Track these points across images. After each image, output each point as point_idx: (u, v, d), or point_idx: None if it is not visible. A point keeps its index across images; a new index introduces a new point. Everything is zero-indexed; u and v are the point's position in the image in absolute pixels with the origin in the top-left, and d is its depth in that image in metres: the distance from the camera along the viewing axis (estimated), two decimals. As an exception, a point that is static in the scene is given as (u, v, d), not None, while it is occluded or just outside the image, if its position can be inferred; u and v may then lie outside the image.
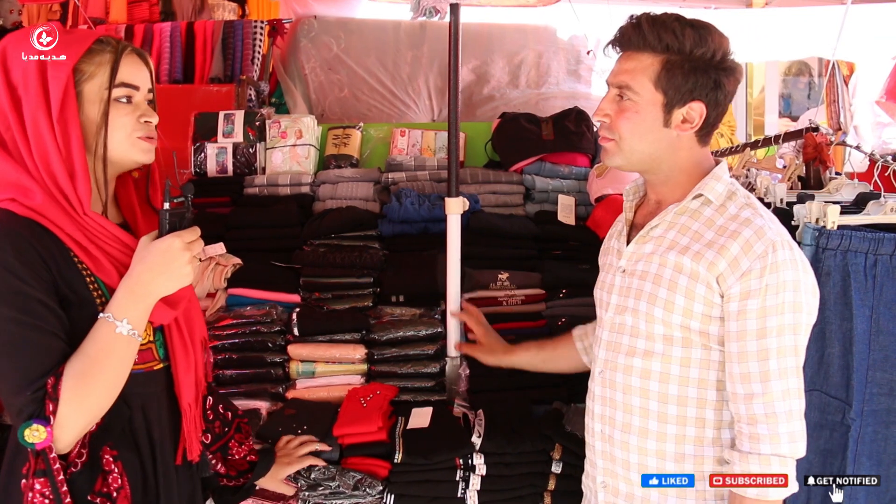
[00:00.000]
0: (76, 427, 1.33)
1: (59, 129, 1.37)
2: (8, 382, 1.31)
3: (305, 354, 2.36)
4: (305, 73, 3.77)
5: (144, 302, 1.39)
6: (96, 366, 1.33)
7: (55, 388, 1.29)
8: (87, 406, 1.33)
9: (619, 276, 1.69)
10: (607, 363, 1.70)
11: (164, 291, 1.41)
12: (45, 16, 5.01)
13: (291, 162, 3.07)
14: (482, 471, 2.02)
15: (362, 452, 2.07)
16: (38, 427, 1.28)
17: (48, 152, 1.37)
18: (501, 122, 3.14)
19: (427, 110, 3.76)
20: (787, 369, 1.48)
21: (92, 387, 1.33)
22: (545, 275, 2.60)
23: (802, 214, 1.99)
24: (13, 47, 1.40)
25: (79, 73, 1.40)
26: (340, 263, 2.57)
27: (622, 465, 1.67)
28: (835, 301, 1.91)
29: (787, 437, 1.48)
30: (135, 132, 1.45)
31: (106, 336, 1.35)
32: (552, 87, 3.83)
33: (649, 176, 1.67)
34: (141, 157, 1.48)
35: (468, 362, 2.35)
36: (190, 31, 4.18)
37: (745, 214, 1.54)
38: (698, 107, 1.55)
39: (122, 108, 1.44)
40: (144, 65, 1.49)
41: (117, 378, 1.38)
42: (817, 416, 1.95)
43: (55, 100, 1.37)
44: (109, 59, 1.42)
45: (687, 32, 1.51)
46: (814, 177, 2.47)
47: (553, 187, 2.94)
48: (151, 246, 1.39)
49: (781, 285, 1.47)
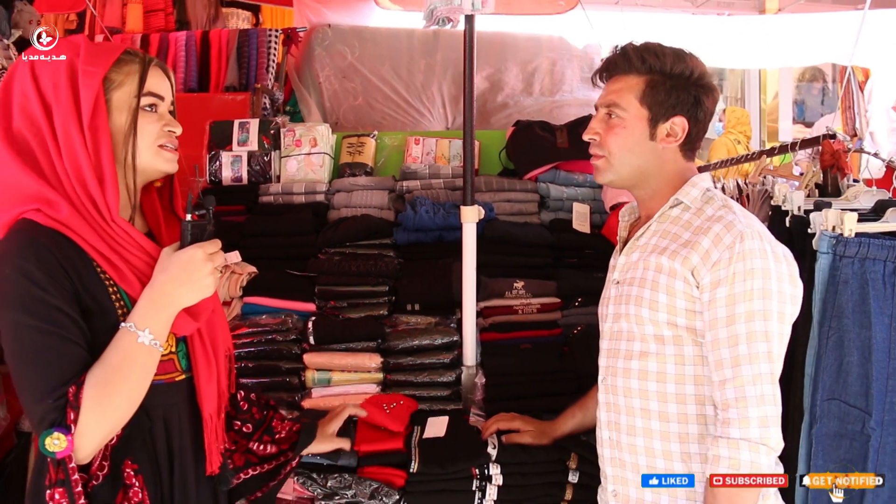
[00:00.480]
0: (97, 436, 1.33)
1: (89, 135, 1.39)
2: (30, 390, 1.32)
3: (321, 363, 2.36)
4: (320, 81, 3.78)
5: (166, 312, 1.40)
6: (118, 375, 1.34)
7: (76, 397, 1.30)
8: (108, 415, 1.33)
9: (614, 287, 1.77)
10: (608, 370, 1.76)
11: (185, 302, 1.42)
12: (62, 25, 5.07)
13: (306, 170, 3.08)
14: (499, 481, 2.01)
15: (379, 461, 2.07)
16: (58, 436, 1.28)
17: (78, 159, 1.39)
18: (516, 130, 3.14)
19: (441, 118, 3.76)
20: (758, 354, 1.51)
21: (113, 396, 1.33)
22: (561, 283, 2.60)
23: (819, 222, 1.98)
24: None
25: (108, 81, 1.43)
26: (356, 272, 2.57)
27: (632, 468, 1.69)
28: (853, 309, 1.90)
29: (757, 421, 1.49)
30: (159, 140, 1.48)
31: (128, 345, 1.36)
32: (566, 95, 3.83)
33: (638, 192, 1.75)
34: (164, 165, 1.51)
35: (484, 371, 2.34)
36: (205, 39, 4.21)
37: (720, 213, 1.61)
38: (680, 121, 1.66)
39: (149, 117, 1.48)
40: (167, 78, 1.53)
41: (138, 388, 1.38)
42: (837, 425, 1.93)
43: (86, 107, 1.39)
44: (137, 69, 1.46)
45: (667, 53, 1.66)
46: (831, 184, 2.45)
47: (568, 195, 2.93)
48: (174, 256, 1.41)
49: (749, 273, 1.52)
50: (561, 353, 2.39)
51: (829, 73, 8.00)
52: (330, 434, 1.97)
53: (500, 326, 2.50)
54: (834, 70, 6.81)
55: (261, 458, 1.78)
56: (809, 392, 1.96)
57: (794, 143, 2.72)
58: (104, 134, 1.40)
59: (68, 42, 1.46)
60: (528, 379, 2.32)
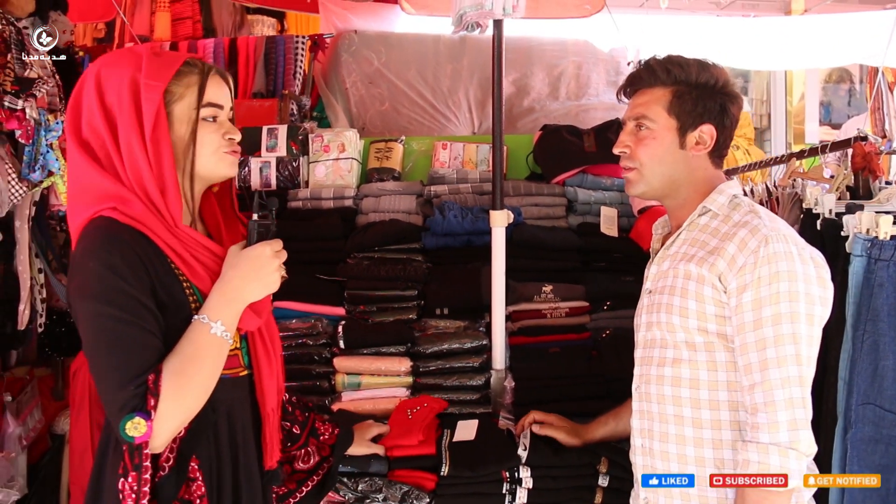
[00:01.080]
0: (173, 424, 1.38)
1: (151, 148, 1.44)
2: (111, 378, 1.36)
3: (351, 367, 2.38)
4: (346, 87, 3.80)
5: (236, 306, 1.47)
6: (192, 365, 1.40)
7: (156, 384, 1.35)
8: (183, 404, 1.39)
9: (647, 297, 1.78)
10: (641, 377, 1.76)
11: (254, 296, 1.48)
12: (90, 34, 5.13)
13: (334, 175, 3.10)
14: (528, 484, 2.01)
15: (409, 465, 2.08)
16: (139, 420, 1.33)
17: (141, 170, 1.44)
18: (543, 135, 3.15)
19: (467, 123, 3.77)
20: (786, 357, 1.50)
21: (188, 385, 1.39)
22: (589, 287, 2.60)
23: (852, 225, 1.97)
24: (107, 70, 1.48)
25: (169, 94, 1.48)
26: (385, 276, 2.59)
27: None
28: (888, 312, 1.89)
29: (786, 425, 1.49)
30: (220, 148, 1.53)
31: (201, 336, 1.42)
32: (592, 99, 3.83)
33: (669, 201, 1.77)
34: (227, 170, 1.56)
35: (513, 375, 2.35)
36: (233, 46, 4.25)
37: (745, 219, 1.61)
38: (709, 129, 1.69)
39: (209, 127, 1.52)
40: (226, 84, 1.58)
41: (210, 378, 1.44)
42: (872, 430, 1.92)
43: (148, 120, 1.44)
44: (197, 80, 1.50)
45: (691, 63, 1.70)
46: (863, 186, 2.44)
47: (595, 199, 2.93)
48: (242, 253, 1.48)
49: (774, 276, 1.52)
50: (589, 356, 2.39)
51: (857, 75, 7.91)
52: (366, 439, 2.04)
53: (529, 330, 2.51)
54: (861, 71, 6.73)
55: (307, 472, 1.84)
56: (844, 397, 1.95)
57: (824, 146, 2.70)
58: (166, 146, 1.45)
59: (131, 54, 1.51)
60: (557, 383, 2.33)
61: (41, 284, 2.69)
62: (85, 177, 1.46)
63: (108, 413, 1.40)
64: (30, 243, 2.60)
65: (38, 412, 2.93)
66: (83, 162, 1.46)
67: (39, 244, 2.68)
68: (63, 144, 2.61)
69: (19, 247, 2.57)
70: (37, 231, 2.65)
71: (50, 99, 2.66)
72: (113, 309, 1.36)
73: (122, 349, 1.36)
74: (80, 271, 1.40)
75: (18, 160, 2.49)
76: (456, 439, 2.13)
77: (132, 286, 1.38)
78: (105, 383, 1.37)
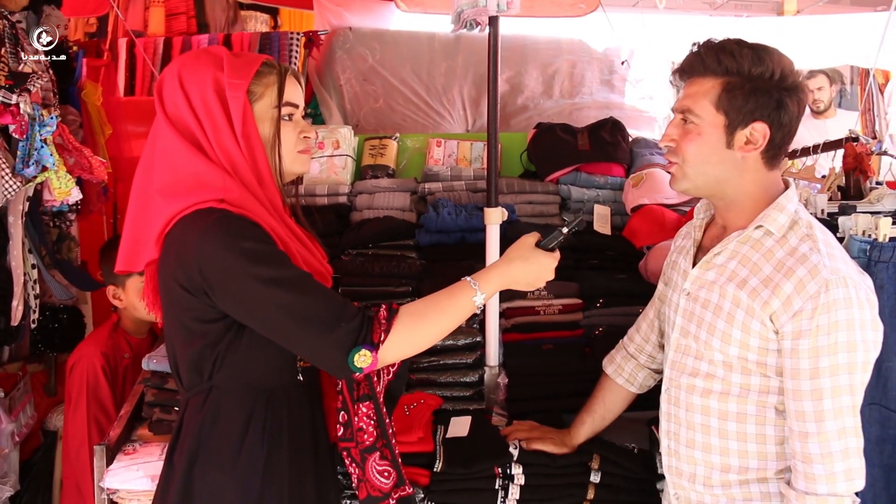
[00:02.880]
0: (397, 355, 1.49)
1: (244, 144, 1.50)
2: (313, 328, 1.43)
3: (345, 363, 2.38)
4: (341, 84, 3.80)
5: (502, 286, 1.61)
6: (440, 313, 1.53)
7: (388, 321, 1.47)
8: (412, 342, 1.51)
9: (684, 298, 1.71)
10: (671, 381, 1.75)
11: (517, 287, 1.62)
12: (82, 28, 5.10)
13: (329, 172, 3.10)
14: (521, 480, 2.02)
15: (404, 461, 2.08)
16: (365, 352, 1.42)
17: (238, 166, 1.50)
18: (537, 133, 3.16)
19: (461, 121, 3.77)
20: (843, 409, 1.48)
21: (425, 328, 1.51)
22: (582, 284, 2.60)
23: (848, 227, 1.97)
24: (187, 71, 1.53)
25: (250, 94, 1.53)
26: (378, 273, 2.59)
27: (688, 478, 1.71)
28: (890, 314, 1.88)
29: (843, 475, 1.48)
30: (297, 146, 1.60)
31: (463, 295, 1.55)
32: (586, 98, 3.83)
33: (716, 201, 1.68)
34: (301, 168, 1.64)
35: (507, 371, 2.36)
36: (227, 43, 4.23)
37: (803, 249, 1.52)
38: (761, 127, 1.54)
39: (287, 125, 1.59)
40: (300, 84, 1.64)
41: (445, 331, 1.57)
42: (878, 430, 1.92)
43: (237, 118, 1.50)
44: (275, 80, 1.57)
45: (745, 53, 1.53)
46: (854, 187, 2.45)
47: (589, 197, 2.94)
48: (537, 253, 1.62)
49: (833, 325, 1.46)
50: (583, 353, 2.39)
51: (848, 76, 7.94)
52: None
53: (523, 327, 2.52)
54: (852, 72, 6.75)
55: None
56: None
57: (816, 146, 2.72)
58: (257, 141, 1.52)
59: (211, 55, 1.56)
60: (551, 379, 2.33)
61: (34, 280, 2.68)
62: (189, 165, 1.50)
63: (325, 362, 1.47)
64: (23, 239, 2.59)
65: (30, 408, 2.93)
66: (187, 151, 1.50)
67: (33, 240, 2.67)
68: (57, 139, 2.60)
69: (12, 242, 2.56)
70: (30, 227, 2.64)
71: (44, 94, 2.65)
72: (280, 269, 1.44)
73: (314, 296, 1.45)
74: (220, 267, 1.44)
75: (12, 155, 2.48)
76: (449, 435, 2.14)
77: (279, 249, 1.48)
78: (308, 337, 1.44)
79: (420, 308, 1.51)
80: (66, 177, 2.58)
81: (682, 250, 1.80)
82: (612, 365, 2.06)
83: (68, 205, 2.73)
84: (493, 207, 2.34)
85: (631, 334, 2.05)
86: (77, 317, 3.10)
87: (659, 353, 1.98)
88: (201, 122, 1.50)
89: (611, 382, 2.05)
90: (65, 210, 2.86)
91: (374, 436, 1.49)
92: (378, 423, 1.51)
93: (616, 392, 2.04)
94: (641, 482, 2.05)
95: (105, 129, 3.32)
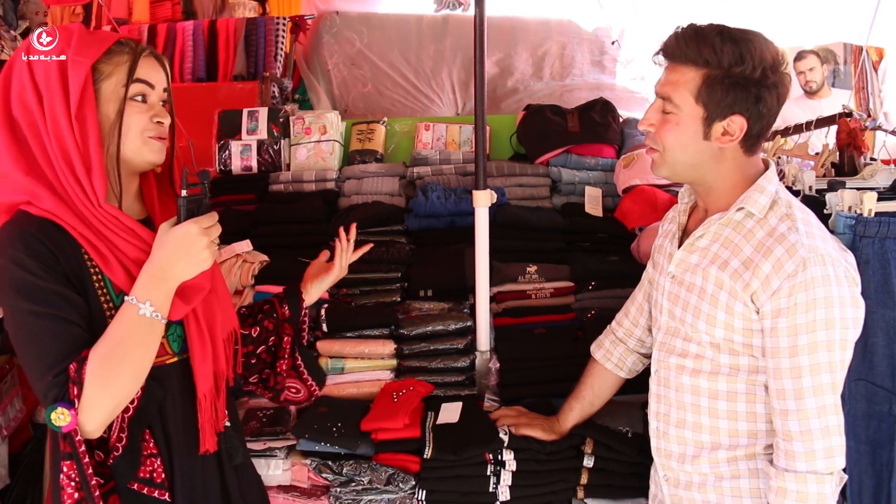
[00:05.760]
0: (103, 410, 1.36)
1: (76, 125, 1.40)
2: (31, 370, 1.36)
3: (335, 350, 2.35)
4: (328, 68, 3.76)
5: (166, 285, 1.42)
6: (121, 348, 1.37)
7: (78, 373, 1.33)
8: (112, 389, 1.36)
9: (669, 281, 1.71)
10: (661, 363, 1.74)
11: (183, 276, 1.43)
12: (68, 17, 5.05)
13: (316, 158, 3.07)
14: (512, 466, 2.00)
15: (394, 448, 2.06)
16: (62, 410, 1.31)
17: (67, 146, 1.41)
18: (526, 115, 3.12)
19: (451, 104, 3.74)
20: (822, 386, 1.47)
21: (118, 369, 1.36)
22: (574, 267, 2.58)
23: (835, 202, 1.94)
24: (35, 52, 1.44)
25: (97, 72, 1.44)
26: (368, 259, 2.54)
27: (678, 458, 1.70)
28: (875, 289, 1.87)
29: (823, 452, 1.48)
30: (146, 131, 1.49)
31: (130, 318, 1.39)
32: (576, 79, 3.80)
33: (696, 186, 1.68)
34: (151, 156, 1.51)
35: (498, 356, 2.33)
36: (212, 29, 4.18)
37: (782, 229, 1.52)
38: (739, 120, 1.54)
39: (137, 107, 1.48)
40: (161, 67, 1.53)
41: (143, 361, 1.41)
42: (865, 406, 1.91)
43: (74, 97, 1.40)
44: (128, 59, 1.47)
45: (727, 48, 1.50)
46: (848, 163, 2.42)
47: (580, 179, 2.91)
48: (170, 232, 1.42)
49: (812, 303, 1.45)
50: (575, 337, 2.37)
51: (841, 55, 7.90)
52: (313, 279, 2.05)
53: (514, 311, 2.49)
54: (845, 50, 6.71)
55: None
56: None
57: (808, 123, 2.68)
58: (92, 123, 1.42)
59: (63, 30, 1.47)
60: (542, 363, 2.31)
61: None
62: (4, 162, 1.42)
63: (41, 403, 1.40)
64: None
65: (18, 401, 2.89)
66: (4, 144, 1.42)
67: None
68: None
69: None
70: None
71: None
72: (27, 303, 1.35)
73: (37, 341, 1.35)
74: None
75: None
76: (440, 422, 2.12)
77: (42, 279, 1.36)
78: (29, 375, 1.37)
79: (102, 350, 1.36)
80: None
81: (669, 234, 1.80)
82: (600, 350, 2.03)
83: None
84: (482, 190, 2.31)
85: (619, 318, 2.03)
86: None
87: (648, 338, 1.96)
88: (41, 100, 1.42)
89: (599, 367, 2.03)
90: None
91: (75, 499, 1.37)
92: (81, 484, 1.37)
93: (605, 377, 2.03)
94: (635, 466, 2.03)
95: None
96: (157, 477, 1.47)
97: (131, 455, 1.44)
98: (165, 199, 1.63)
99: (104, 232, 1.44)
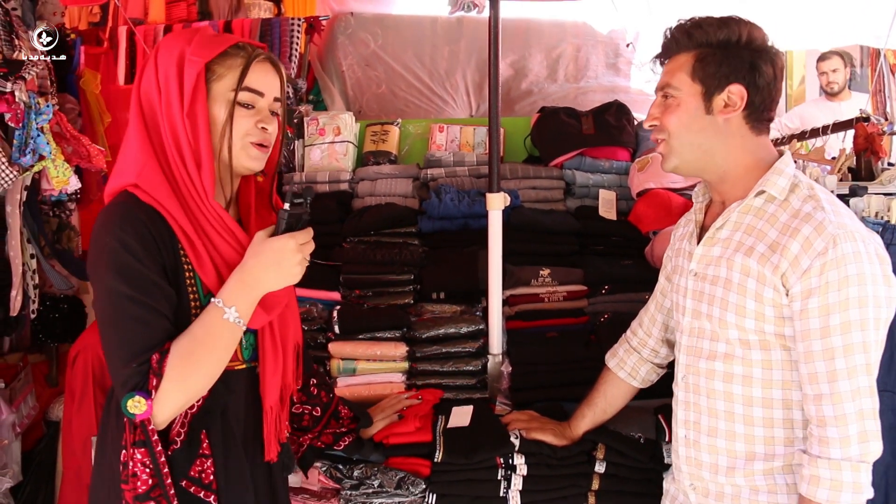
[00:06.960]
0: (175, 404, 1.40)
1: (188, 122, 1.45)
2: (116, 354, 1.39)
3: (347, 352, 2.35)
4: (343, 69, 3.76)
5: (253, 294, 1.46)
6: (201, 348, 1.41)
7: (160, 364, 1.37)
8: (187, 385, 1.40)
9: (692, 279, 1.68)
10: (689, 368, 1.69)
11: (271, 287, 1.47)
12: (85, 17, 5.07)
13: (330, 159, 3.07)
14: (523, 471, 1.99)
15: (405, 452, 2.06)
16: (139, 399, 1.35)
17: (181, 141, 1.45)
18: (541, 117, 3.11)
19: (465, 106, 3.73)
20: (856, 367, 1.43)
21: (195, 367, 1.40)
22: (587, 271, 2.57)
23: (860, 208, 1.92)
24: (165, 43, 1.51)
25: (211, 72, 1.48)
26: (381, 260, 2.56)
27: (709, 468, 1.65)
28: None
29: (857, 437, 1.43)
30: (248, 136, 1.51)
31: (214, 320, 1.43)
32: (591, 81, 3.78)
33: (707, 175, 1.65)
34: (249, 162, 1.53)
35: (510, 359, 2.32)
36: (228, 29, 4.19)
37: (807, 209, 1.49)
38: (737, 89, 1.55)
39: (243, 112, 1.51)
40: (276, 72, 1.56)
41: (219, 362, 1.45)
42: (891, 417, 1.88)
43: (186, 94, 1.45)
44: (241, 63, 1.50)
45: (713, 22, 1.57)
46: (865, 168, 2.40)
47: (594, 182, 2.90)
48: (266, 242, 1.46)
49: (843, 281, 1.41)
50: (588, 341, 2.36)
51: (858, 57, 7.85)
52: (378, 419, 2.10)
53: (526, 314, 2.48)
54: (862, 53, 6.66)
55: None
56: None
57: (825, 127, 2.66)
58: (203, 121, 1.46)
59: (189, 31, 1.53)
60: (555, 367, 2.30)
61: (33, 270, 2.66)
62: (129, 143, 1.48)
63: (115, 387, 1.43)
64: (21, 228, 2.57)
65: (31, 399, 2.92)
66: (133, 126, 1.48)
67: (31, 229, 2.65)
68: (55, 128, 2.58)
69: (10, 232, 2.55)
70: (28, 216, 2.63)
71: (40, 82, 2.63)
72: (126, 287, 1.37)
73: (128, 326, 1.38)
74: (96, 246, 1.42)
75: (8, 144, 2.46)
76: (450, 425, 2.11)
77: (144, 264, 1.39)
78: (112, 359, 1.40)
79: (184, 347, 1.40)
80: (64, 165, 2.57)
81: (686, 235, 1.77)
82: (614, 358, 2.02)
83: (67, 194, 2.72)
84: (495, 193, 2.30)
85: (633, 328, 2.01)
86: (78, 307, 3.08)
87: (662, 348, 1.94)
88: (161, 96, 1.47)
89: (613, 376, 2.01)
90: (64, 199, 2.85)
91: (149, 485, 1.41)
92: (154, 471, 1.41)
93: (618, 386, 2.01)
94: (647, 472, 2.02)
95: (104, 118, 3.30)
96: (205, 478, 1.48)
97: (189, 450, 1.47)
98: (261, 208, 1.66)
99: (206, 228, 1.48)
